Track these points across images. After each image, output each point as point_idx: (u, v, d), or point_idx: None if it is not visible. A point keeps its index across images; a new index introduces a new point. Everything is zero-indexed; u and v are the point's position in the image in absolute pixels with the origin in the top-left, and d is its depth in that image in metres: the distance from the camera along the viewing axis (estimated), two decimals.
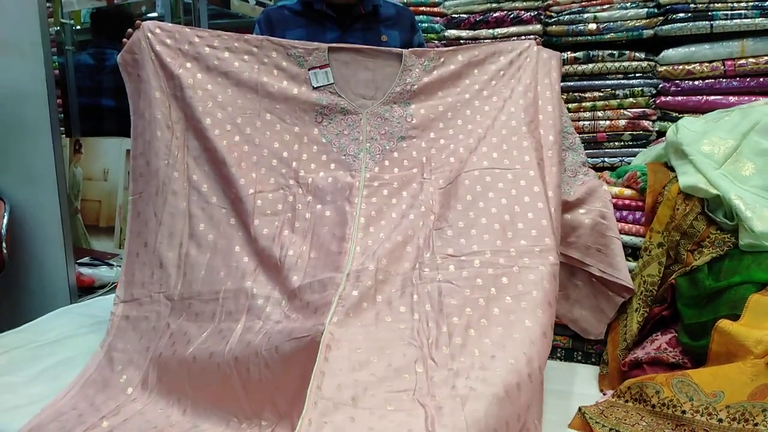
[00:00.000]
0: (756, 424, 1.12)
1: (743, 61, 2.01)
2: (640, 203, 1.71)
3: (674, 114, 2.09)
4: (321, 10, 1.96)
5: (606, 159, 2.18)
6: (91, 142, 2.84)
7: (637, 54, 2.12)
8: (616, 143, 2.17)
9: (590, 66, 2.16)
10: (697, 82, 2.06)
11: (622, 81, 2.14)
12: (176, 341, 1.42)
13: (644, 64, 2.11)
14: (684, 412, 1.20)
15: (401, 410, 1.09)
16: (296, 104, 1.69)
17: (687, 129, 1.74)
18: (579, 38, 2.18)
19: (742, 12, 1.98)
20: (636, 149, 2.13)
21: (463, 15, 2.30)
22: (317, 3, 1.95)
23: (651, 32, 2.10)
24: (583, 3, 2.18)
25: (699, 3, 2.02)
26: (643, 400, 1.26)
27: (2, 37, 2.16)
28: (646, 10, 2.10)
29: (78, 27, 3.19)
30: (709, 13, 2.01)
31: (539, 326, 1.26)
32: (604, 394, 1.43)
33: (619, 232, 1.68)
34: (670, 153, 1.76)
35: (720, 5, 2.00)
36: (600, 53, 2.15)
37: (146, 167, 1.62)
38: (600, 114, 2.17)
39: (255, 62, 1.69)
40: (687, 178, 1.63)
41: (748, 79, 2.02)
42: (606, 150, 2.18)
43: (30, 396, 1.40)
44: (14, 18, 2.14)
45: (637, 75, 2.13)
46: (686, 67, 2.06)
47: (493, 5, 2.27)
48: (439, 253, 1.43)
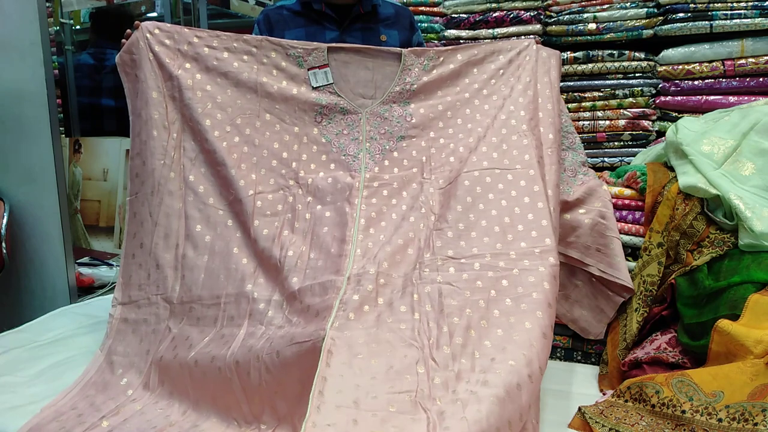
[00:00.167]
0: (756, 424, 1.12)
1: (743, 61, 2.00)
2: (640, 203, 1.71)
3: (674, 114, 2.09)
4: (320, 10, 1.96)
5: (606, 159, 2.18)
6: (91, 142, 2.84)
7: (637, 54, 2.12)
8: (616, 143, 2.16)
9: (590, 66, 2.16)
10: (697, 82, 2.06)
11: (622, 81, 2.14)
12: (178, 345, 1.42)
13: (644, 64, 2.11)
14: (684, 412, 1.20)
15: (403, 413, 1.10)
16: (296, 104, 1.69)
17: (687, 129, 1.74)
18: (579, 38, 2.17)
19: (742, 12, 1.98)
20: (636, 149, 2.13)
21: (463, 15, 2.30)
22: (316, 3, 1.95)
23: (651, 32, 2.10)
24: (583, 3, 2.18)
25: (699, 3, 2.02)
26: (643, 400, 1.26)
27: (2, 37, 2.16)
28: (646, 10, 2.09)
29: (78, 27, 3.19)
30: (709, 13, 2.01)
31: (539, 327, 1.26)
32: (604, 394, 1.43)
33: (619, 232, 1.68)
34: (670, 153, 1.76)
35: (720, 5, 2.00)
36: (600, 53, 2.15)
37: (142, 167, 1.61)
38: (600, 114, 2.17)
39: (254, 62, 1.69)
40: (687, 178, 1.63)
41: (748, 79, 2.01)
42: (606, 150, 2.18)
43: (30, 396, 1.40)
44: (14, 18, 2.14)
45: (637, 75, 2.13)
46: (686, 67, 2.06)
47: (493, 5, 2.27)
48: (440, 255, 1.43)
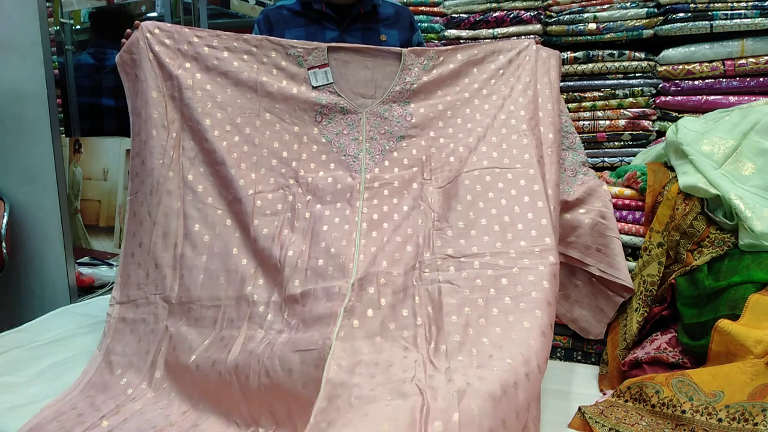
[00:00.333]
0: (756, 424, 1.12)
1: (743, 61, 2.00)
2: (640, 203, 1.71)
3: (674, 114, 2.09)
4: (320, 10, 1.96)
5: (606, 159, 2.18)
6: (91, 142, 2.84)
7: (637, 54, 2.12)
8: (616, 143, 2.16)
9: (590, 66, 2.16)
10: (697, 82, 2.06)
11: (622, 81, 2.14)
12: (177, 347, 1.42)
13: (644, 64, 2.11)
14: (684, 412, 1.20)
15: (398, 393, 1.10)
16: (296, 104, 1.69)
17: (687, 129, 1.74)
18: (579, 38, 2.17)
19: (742, 12, 1.97)
20: (636, 149, 2.13)
21: (463, 15, 2.30)
22: (316, 3, 1.95)
23: (651, 32, 2.10)
24: (583, 3, 2.18)
25: (699, 3, 2.02)
26: (643, 400, 1.26)
27: (2, 37, 2.16)
28: (646, 10, 2.09)
29: (78, 27, 3.19)
30: (709, 13, 2.01)
31: (538, 326, 1.26)
32: (604, 394, 1.43)
33: (619, 232, 1.68)
34: (670, 153, 1.75)
35: (720, 5, 2.00)
36: (600, 53, 2.15)
37: (142, 167, 1.61)
38: (600, 114, 2.16)
39: (254, 62, 1.69)
40: (687, 178, 1.63)
41: (748, 79, 2.01)
42: (606, 150, 2.18)
43: (30, 396, 1.40)
44: (14, 18, 2.14)
45: (637, 75, 2.13)
46: (686, 67, 2.06)
47: (493, 5, 2.27)
48: (439, 254, 1.44)
